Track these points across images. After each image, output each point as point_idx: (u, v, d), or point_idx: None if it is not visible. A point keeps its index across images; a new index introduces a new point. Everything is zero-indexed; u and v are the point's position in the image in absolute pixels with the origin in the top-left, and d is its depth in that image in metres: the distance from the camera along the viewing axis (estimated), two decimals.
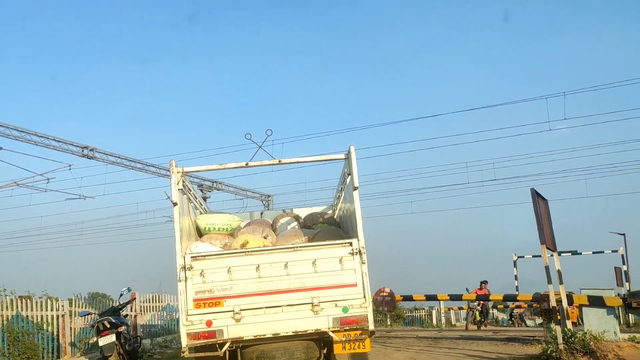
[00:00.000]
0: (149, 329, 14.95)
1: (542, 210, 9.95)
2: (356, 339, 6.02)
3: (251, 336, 5.91)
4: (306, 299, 5.98)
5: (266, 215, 9.23)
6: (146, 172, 23.76)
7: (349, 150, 6.45)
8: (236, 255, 6.24)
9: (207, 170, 7.49)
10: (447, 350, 11.50)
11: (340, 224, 8.03)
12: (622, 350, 8.66)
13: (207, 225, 7.53)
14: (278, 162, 7.03)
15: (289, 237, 7.27)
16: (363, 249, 6.11)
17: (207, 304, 5.93)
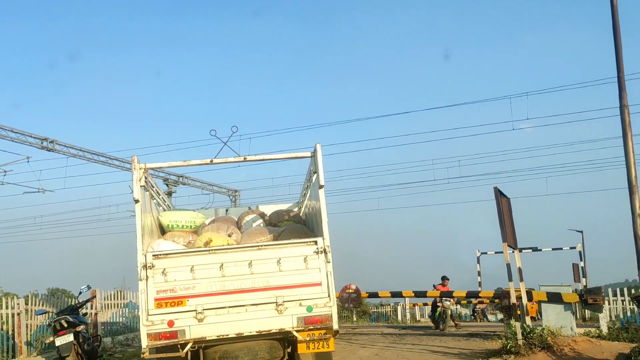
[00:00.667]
0: (110, 327, 14.63)
1: (504, 208, 10.15)
2: (320, 339, 6.00)
3: (214, 336, 5.83)
4: (270, 298, 5.93)
5: (231, 212, 9.13)
6: (109, 166, 23.25)
7: (315, 149, 6.41)
8: (199, 253, 6.14)
9: (171, 166, 7.38)
10: (411, 347, 11.64)
11: (306, 222, 8.00)
12: (577, 345, 8.91)
13: (170, 223, 7.39)
14: (243, 160, 6.95)
15: (254, 235, 7.20)
16: (328, 248, 6.09)
17: (168, 303, 5.82)
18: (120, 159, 23.28)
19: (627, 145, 9.90)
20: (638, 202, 9.78)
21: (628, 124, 9.87)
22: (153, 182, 7.48)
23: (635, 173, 9.86)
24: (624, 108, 9.86)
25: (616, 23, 9.66)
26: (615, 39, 9.73)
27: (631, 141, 9.90)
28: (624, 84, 9.80)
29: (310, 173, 7.11)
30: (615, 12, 9.64)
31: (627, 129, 9.88)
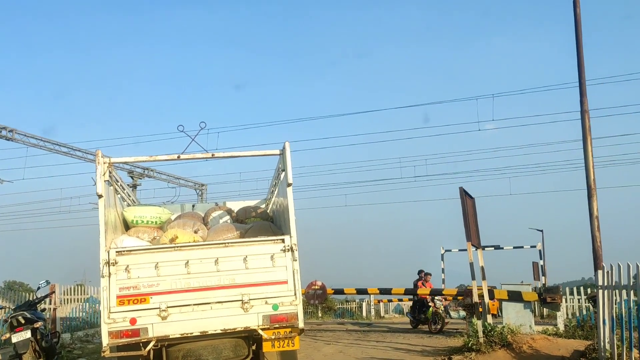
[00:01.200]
0: (69, 322, 14.30)
1: (469, 208, 10.34)
2: (286, 337, 6.00)
3: (178, 334, 5.76)
4: (236, 296, 5.89)
5: (198, 208, 9.02)
6: (72, 157, 22.69)
7: (283, 146, 6.39)
8: (164, 250, 6.05)
9: (137, 161, 7.23)
10: (375, 343, 11.75)
11: (274, 219, 7.97)
12: (535, 342, 9.16)
13: (134, 218, 7.25)
14: (211, 156, 6.87)
15: (221, 231, 7.14)
16: (295, 246, 6.09)
17: (131, 300, 5.71)
18: (82, 150, 22.74)
19: (587, 149, 10.21)
20: (596, 204, 10.11)
21: (588, 128, 10.18)
22: (117, 177, 7.32)
23: (594, 176, 10.19)
24: (584, 113, 10.16)
25: (579, 31, 9.94)
26: (578, 47, 10.01)
27: (590, 145, 10.21)
28: (585, 90, 10.09)
29: (278, 170, 7.08)
30: (578, 21, 9.91)
31: (587, 133, 10.19)
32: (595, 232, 10.01)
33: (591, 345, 8.10)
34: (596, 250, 9.95)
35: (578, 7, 9.71)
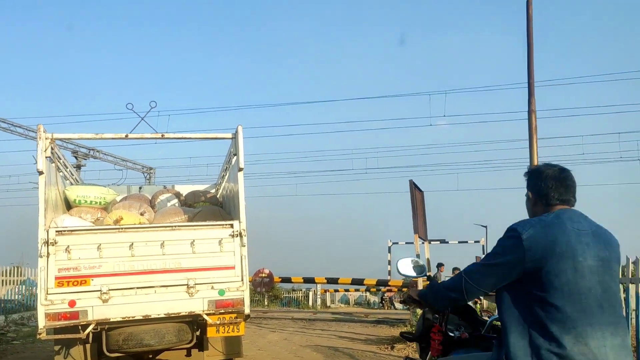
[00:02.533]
0: (4, 305, 13.71)
1: (417, 201, 10.53)
2: (231, 323, 5.93)
3: (119, 318, 5.59)
4: (181, 280, 5.77)
5: (145, 190, 8.78)
6: (12, 133, 21.66)
7: (236, 130, 6.29)
8: (108, 231, 5.85)
9: (82, 138, 6.95)
10: (320, 332, 11.85)
11: (223, 204, 7.86)
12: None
13: (77, 198, 6.98)
14: (161, 137, 6.68)
15: (168, 215, 6.97)
16: (244, 232, 6.02)
17: (71, 282, 5.50)
18: (24, 126, 21.74)
19: (532, 148, 10.57)
20: None
21: (534, 128, 10.52)
22: (60, 154, 7.02)
23: None
24: (531, 113, 10.49)
25: (530, 32, 10.23)
26: (529, 48, 10.30)
27: (536, 144, 10.57)
28: (533, 90, 10.42)
29: (230, 155, 6.97)
30: (530, 22, 10.20)
31: (533, 132, 10.54)
32: None
33: None
34: None
35: (530, 8, 9.99)
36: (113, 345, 5.82)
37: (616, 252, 2.34)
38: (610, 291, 2.23)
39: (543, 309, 2.18)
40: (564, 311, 2.15)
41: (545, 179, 2.44)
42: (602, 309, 2.17)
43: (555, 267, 2.18)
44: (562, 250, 2.19)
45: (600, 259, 2.23)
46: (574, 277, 2.17)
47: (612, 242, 2.34)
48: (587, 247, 2.22)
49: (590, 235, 2.26)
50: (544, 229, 2.25)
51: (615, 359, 2.12)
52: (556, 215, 2.32)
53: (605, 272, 2.22)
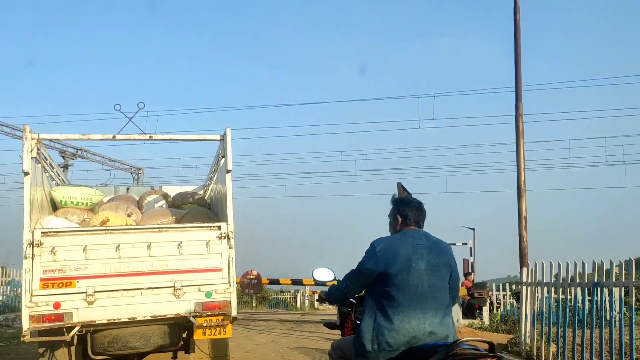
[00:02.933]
0: None
1: None
2: (218, 325, 5.91)
3: (104, 320, 5.55)
4: (168, 282, 5.75)
5: (132, 191, 8.73)
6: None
7: (224, 132, 6.28)
8: (94, 232, 5.81)
9: (68, 139, 6.91)
10: (308, 334, 11.84)
11: (211, 206, 7.83)
12: (461, 335, 9.47)
13: (63, 199, 6.92)
14: (149, 138, 6.66)
15: (155, 216, 6.94)
16: (231, 234, 6.01)
17: (56, 284, 5.45)
18: (10, 125, 21.51)
19: (519, 152, 10.66)
20: (525, 205, 10.58)
21: (521, 131, 10.62)
22: (47, 154, 6.96)
23: (524, 178, 10.66)
24: (518, 117, 10.59)
25: (517, 37, 10.33)
26: (516, 53, 10.40)
27: (523, 148, 10.67)
28: (520, 95, 10.52)
29: (218, 156, 6.96)
30: (517, 27, 10.30)
31: (520, 136, 10.63)
32: (522, 231, 10.49)
33: (513, 339, 8.51)
34: (522, 249, 10.44)
35: (518, 14, 10.09)
36: (98, 347, 5.78)
37: (446, 259, 3.26)
38: (435, 287, 3.16)
39: (385, 299, 3.13)
40: (397, 300, 3.10)
41: (409, 206, 3.39)
42: (426, 298, 3.11)
43: (396, 270, 3.12)
44: (402, 259, 3.14)
45: (431, 265, 3.16)
46: (407, 277, 3.11)
47: (444, 253, 3.27)
48: (421, 257, 3.16)
49: (425, 248, 3.20)
50: (391, 244, 3.22)
51: (431, 331, 3.06)
52: (403, 234, 3.29)
53: (433, 274, 3.16)
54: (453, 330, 3.19)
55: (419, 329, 3.06)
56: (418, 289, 3.11)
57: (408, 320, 3.07)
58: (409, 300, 3.10)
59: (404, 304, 3.09)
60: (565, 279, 6.81)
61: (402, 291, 3.10)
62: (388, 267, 3.14)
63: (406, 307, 3.09)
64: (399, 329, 3.06)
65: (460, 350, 2.70)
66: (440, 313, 3.14)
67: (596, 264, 6.28)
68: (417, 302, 3.10)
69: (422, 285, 3.12)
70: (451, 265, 3.29)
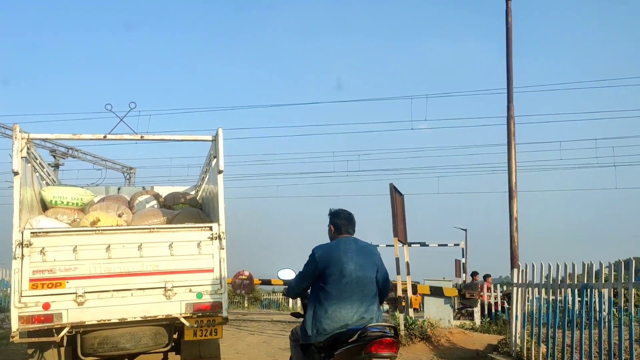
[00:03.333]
0: None
1: (397, 204, 10.59)
2: (208, 326, 5.90)
3: (94, 321, 5.52)
4: (159, 283, 5.73)
5: (124, 191, 8.69)
6: None
7: (216, 133, 6.26)
8: (85, 233, 5.78)
9: (59, 138, 6.86)
10: None
11: (203, 206, 7.82)
12: (453, 336, 9.55)
13: (53, 199, 6.87)
14: (140, 138, 6.64)
15: (146, 216, 6.91)
16: (223, 234, 6.00)
17: (45, 284, 5.42)
18: (0, 124, 21.33)
19: (511, 153, 10.71)
20: (516, 206, 10.64)
21: (513, 133, 10.67)
22: (37, 154, 6.92)
23: (516, 179, 10.71)
24: (510, 118, 10.64)
25: (509, 40, 10.38)
26: (508, 55, 10.45)
27: (514, 149, 10.72)
28: (512, 96, 10.57)
29: (210, 157, 6.95)
30: (509, 29, 10.35)
31: (512, 138, 10.68)
32: (513, 232, 10.54)
33: (504, 340, 8.54)
34: (513, 250, 10.49)
35: (510, 16, 10.13)
36: (88, 348, 5.74)
37: (372, 259, 4.02)
38: (362, 282, 3.90)
39: (322, 293, 3.89)
40: (332, 294, 3.85)
41: (340, 218, 4.17)
42: (354, 292, 3.86)
43: (331, 270, 3.89)
44: (335, 261, 3.90)
45: (359, 265, 3.92)
46: (339, 276, 3.86)
47: (370, 254, 4.05)
48: (351, 259, 3.91)
49: (354, 252, 3.97)
50: (327, 250, 4.01)
51: (359, 317, 3.80)
52: (336, 241, 4.08)
53: (360, 272, 3.91)
54: (378, 315, 3.94)
55: (348, 317, 3.81)
56: (348, 284, 3.87)
57: (339, 310, 3.82)
58: (341, 294, 3.85)
59: (336, 297, 3.85)
60: (556, 280, 6.84)
61: (336, 287, 3.87)
62: (325, 268, 3.92)
63: (338, 300, 3.84)
64: (333, 317, 3.82)
65: (370, 332, 3.64)
66: (367, 303, 3.90)
67: (586, 265, 6.32)
68: (347, 295, 3.86)
69: (351, 281, 3.88)
70: (377, 264, 4.05)
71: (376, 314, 3.91)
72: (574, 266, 6.49)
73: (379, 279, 4.03)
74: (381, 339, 3.58)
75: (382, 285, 4.07)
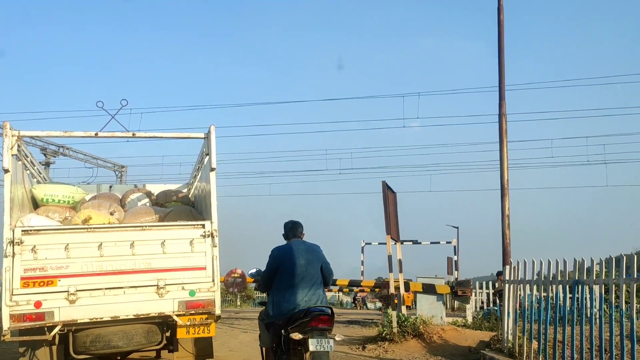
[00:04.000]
0: None
1: (390, 202, 10.61)
2: (201, 324, 5.89)
3: (86, 319, 5.50)
4: (151, 281, 5.71)
5: (115, 189, 8.66)
6: None
7: (209, 130, 6.24)
8: (76, 231, 5.75)
9: (50, 136, 6.81)
10: None
11: (195, 204, 7.80)
12: (445, 333, 9.59)
13: (45, 197, 6.83)
14: (132, 135, 6.59)
15: (139, 214, 6.89)
16: (215, 232, 5.99)
17: (37, 283, 5.39)
18: None
19: (502, 151, 10.75)
20: (508, 204, 10.68)
21: (504, 131, 10.71)
22: (27, 152, 6.87)
23: (508, 177, 10.76)
24: (502, 116, 10.68)
25: (501, 38, 10.41)
26: (500, 53, 10.48)
27: (506, 147, 10.76)
28: (504, 94, 10.60)
29: (202, 154, 6.92)
30: (501, 27, 10.38)
31: (504, 135, 10.72)
32: (505, 229, 10.59)
33: (496, 336, 8.58)
34: (505, 247, 10.53)
35: (502, 14, 10.17)
36: (80, 347, 5.72)
37: (317, 256, 5.31)
38: (309, 274, 5.14)
39: (280, 283, 5.13)
40: (286, 282, 5.06)
41: (287, 227, 5.55)
42: (302, 281, 5.07)
43: (285, 265, 5.16)
44: (288, 258, 5.17)
45: (307, 260, 5.19)
46: (292, 269, 5.10)
47: (315, 252, 5.34)
48: (300, 256, 5.18)
49: (303, 251, 5.25)
50: (282, 250, 5.32)
51: (306, 300, 4.98)
52: (289, 243, 5.39)
53: (308, 266, 5.16)
54: (322, 297, 5.16)
55: (299, 300, 4.99)
56: (299, 275, 5.11)
57: (292, 296, 5.01)
58: (293, 283, 5.06)
59: (290, 285, 5.06)
60: (547, 276, 6.88)
61: (289, 278, 5.10)
62: (281, 264, 5.21)
63: (292, 288, 5.05)
64: (287, 300, 5.01)
65: (312, 312, 4.84)
66: (313, 289, 5.11)
67: (577, 262, 6.36)
68: (297, 283, 5.07)
69: (301, 273, 5.12)
70: (321, 259, 5.35)
71: (320, 297, 5.13)
72: (565, 263, 6.53)
73: (323, 271, 5.34)
74: (319, 316, 4.83)
75: (326, 275, 5.38)
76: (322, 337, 4.77)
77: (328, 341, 4.81)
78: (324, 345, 4.76)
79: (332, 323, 4.91)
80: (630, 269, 5.61)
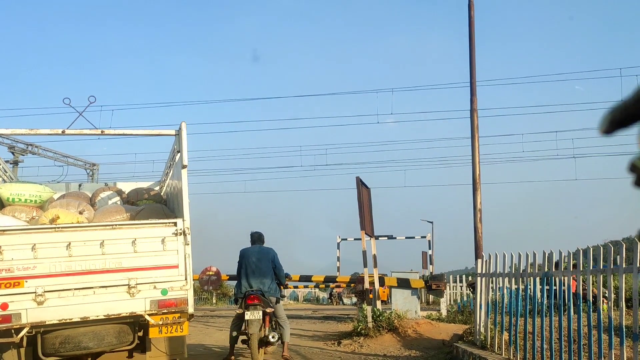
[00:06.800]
0: None
1: (364, 198, 10.65)
2: (174, 322, 5.82)
3: (55, 320, 5.39)
4: (122, 280, 5.62)
5: (85, 187, 8.49)
6: None
7: (180, 127, 6.17)
8: (44, 231, 5.62)
9: (15, 134, 6.65)
10: None
11: (167, 202, 7.70)
12: (419, 327, 9.68)
13: (10, 196, 6.66)
14: (101, 133, 6.47)
15: (109, 213, 6.77)
16: (188, 230, 5.92)
17: (3, 284, 5.25)
18: None
19: (474, 146, 10.88)
20: (479, 198, 10.82)
21: (476, 126, 10.84)
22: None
23: (479, 171, 10.90)
24: (473, 112, 10.80)
25: (472, 33, 10.52)
26: (470, 49, 10.60)
27: (477, 142, 10.90)
28: (475, 90, 10.73)
29: (174, 152, 6.84)
30: (472, 23, 10.49)
31: (475, 130, 10.85)
32: (477, 223, 10.73)
33: (469, 329, 8.70)
34: (477, 241, 10.68)
35: (472, 10, 10.27)
36: (49, 348, 5.60)
37: (268, 256, 7.57)
38: (260, 269, 7.41)
39: (242, 273, 7.52)
40: (245, 272, 7.47)
41: (252, 237, 7.92)
42: (254, 273, 7.39)
43: (246, 262, 7.53)
44: (247, 256, 7.58)
45: (258, 258, 7.51)
46: (248, 264, 7.47)
47: (267, 253, 7.61)
48: (254, 256, 7.55)
49: (257, 252, 7.62)
50: (245, 251, 7.71)
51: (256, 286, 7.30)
52: (252, 247, 7.79)
53: (259, 263, 7.47)
54: (269, 285, 7.33)
55: (251, 284, 7.28)
56: (252, 268, 7.40)
57: (248, 282, 7.33)
58: (248, 273, 7.38)
59: (247, 275, 7.39)
60: (518, 269, 7.00)
61: (248, 270, 7.41)
62: (243, 260, 7.55)
63: (247, 277, 7.37)
64: (245, 285, 7.34)
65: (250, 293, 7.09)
66: (262, 279, 7.32)
67: (546, 254, 6.48)
68: (252, 274, 7.35)
69: (255, 267, 7.39)
70: (270, 259, 7.52)
71: (267, 285, 7.31)
72: (535, 255, 6.65)
73: (275, 268, 7.54)
74: (250, 295, 7.07)
75: (277, 271, 7.56)
76: (254, 310, 6.92)
77: (259, 312, 6.91)
78: (254, 315, 6.90)
79: (260, 301, 7.03)
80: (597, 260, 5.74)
